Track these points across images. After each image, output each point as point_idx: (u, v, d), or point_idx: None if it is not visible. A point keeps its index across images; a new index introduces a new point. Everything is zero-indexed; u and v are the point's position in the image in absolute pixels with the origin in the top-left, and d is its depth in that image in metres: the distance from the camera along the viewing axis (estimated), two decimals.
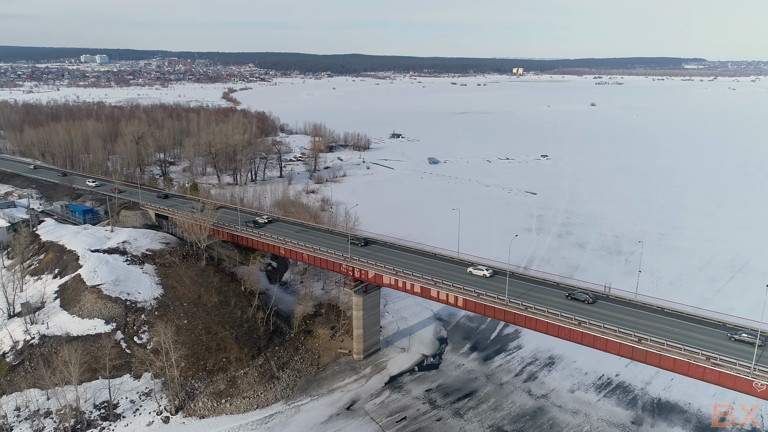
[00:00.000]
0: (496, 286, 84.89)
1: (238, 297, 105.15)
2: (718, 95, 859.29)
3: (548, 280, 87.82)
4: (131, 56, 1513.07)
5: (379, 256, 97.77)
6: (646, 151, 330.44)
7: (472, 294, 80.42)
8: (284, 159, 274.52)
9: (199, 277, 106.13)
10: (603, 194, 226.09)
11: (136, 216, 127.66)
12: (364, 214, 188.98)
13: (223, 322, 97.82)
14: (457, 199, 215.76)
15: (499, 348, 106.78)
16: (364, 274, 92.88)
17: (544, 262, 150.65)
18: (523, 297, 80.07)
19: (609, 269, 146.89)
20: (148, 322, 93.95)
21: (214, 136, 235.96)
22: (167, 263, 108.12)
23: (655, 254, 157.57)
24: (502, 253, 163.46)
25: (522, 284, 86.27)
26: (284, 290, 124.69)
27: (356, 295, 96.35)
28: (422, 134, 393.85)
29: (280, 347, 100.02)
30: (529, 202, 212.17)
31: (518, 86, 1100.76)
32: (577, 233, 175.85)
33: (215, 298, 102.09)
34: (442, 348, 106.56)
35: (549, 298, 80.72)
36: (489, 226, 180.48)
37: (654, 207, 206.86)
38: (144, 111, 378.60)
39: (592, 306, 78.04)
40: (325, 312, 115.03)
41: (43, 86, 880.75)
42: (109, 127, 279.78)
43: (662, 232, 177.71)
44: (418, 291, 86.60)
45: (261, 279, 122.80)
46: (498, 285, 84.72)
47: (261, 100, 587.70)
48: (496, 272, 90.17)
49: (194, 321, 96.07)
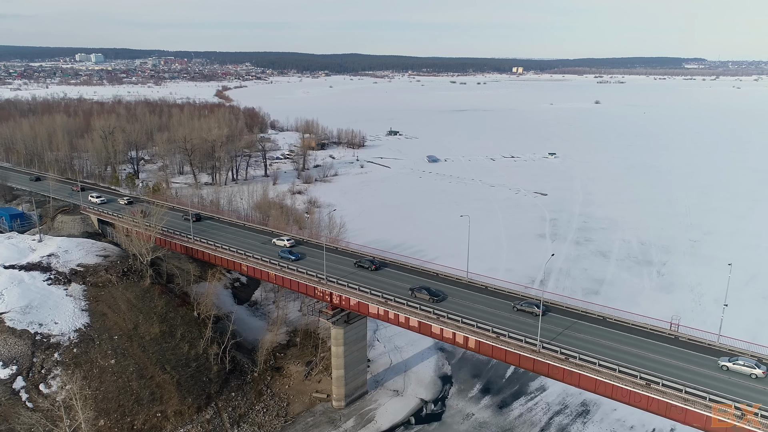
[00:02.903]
0: (516, 319, 62.99)
1: (188, 326, 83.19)
2: (723, 93, 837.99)
3: (589, 312, 65.25)
4: (128, 56, 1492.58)
5: (365, 276, 75.96)
6: (659, 150, 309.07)
7: (489, 334, 58.48)
8: (270, 157, 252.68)
9: (139, 301, 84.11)
10: (620, 195, 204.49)
11: (74, 222, 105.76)
12: (355, 218, 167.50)
13: (164, 361, 75.82)
14: (460, 200, 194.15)
15: (517, 390, 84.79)
16: (345, 300, 71.02)
17: (563, 275, 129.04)
18: (559, 337, 58.18)
19: (639, 284, 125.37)
20: (62, 363, 71.94)
21: (190, 131, 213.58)
22: (101, 282, 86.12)
23: (690, 265, 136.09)
24: (514, 263, 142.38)
25: (551, 316, 63.99)
26: (252, 312, 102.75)
27: (335, 327, 74.43)
28: (421, 131, 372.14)
29: (237, 392, 78.01)
30: (539, 204, 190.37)
31: (519, 85, 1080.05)
32: (598, 240, 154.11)
33: (156, 328, 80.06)
34: (445, 390, 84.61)
35: (594, 340, 58.76)
36: (496, 232, 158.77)
37: (679, 209, 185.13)
38: (125, 107, 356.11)
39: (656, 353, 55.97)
40: (301, 341, 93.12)
41: (33, 84, 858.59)
42: (80, 123, 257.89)
43: (694, 238, 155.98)
44: (415, 326, 64.77)
45: (224, 299, 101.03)
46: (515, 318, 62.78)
47: (255, 98, 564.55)
48: (515, 298, 68.27)
49: (124, 361, 74.07)
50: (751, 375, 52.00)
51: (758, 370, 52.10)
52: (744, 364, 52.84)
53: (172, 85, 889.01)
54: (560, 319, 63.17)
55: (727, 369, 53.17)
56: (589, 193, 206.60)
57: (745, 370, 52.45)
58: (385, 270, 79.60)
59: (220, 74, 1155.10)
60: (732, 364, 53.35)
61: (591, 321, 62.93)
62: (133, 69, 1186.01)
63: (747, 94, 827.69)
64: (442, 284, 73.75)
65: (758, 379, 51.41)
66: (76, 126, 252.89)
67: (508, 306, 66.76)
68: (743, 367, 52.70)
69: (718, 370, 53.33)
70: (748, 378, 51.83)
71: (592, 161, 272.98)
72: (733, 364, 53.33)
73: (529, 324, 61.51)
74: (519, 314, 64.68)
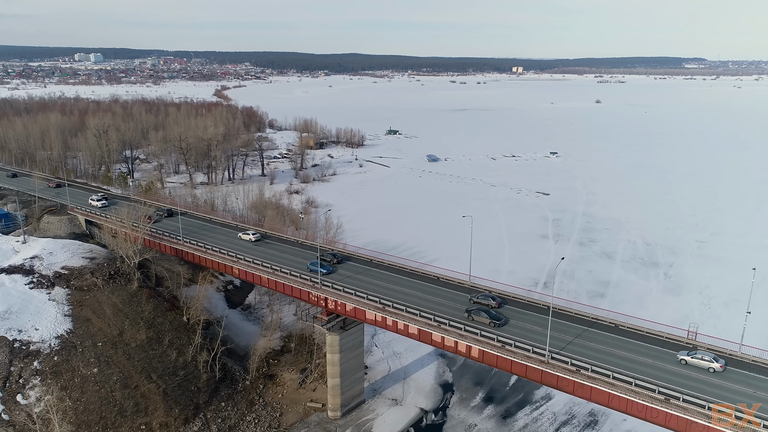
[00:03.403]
0: (523, 328, 59.08)
1: (176, 331, 79.31)
2: (725, 93, 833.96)
3: (600, 318, 61.18)
4: (127, 55, 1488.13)
5: (362, 280, 72.14)
6: (662, 149, 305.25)
7: (493, 344, 54.57)
8: (268, 156, 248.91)
9: (125, 305, 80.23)
10: (623, 195, 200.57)
11: (60, 223, 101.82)
12: (353, 218, 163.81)
13: (150, 370, 71.94)
14: (460, 200, 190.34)
15: (521, 399, 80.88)
16: (341, 306, 67.14)
17: (567, 277, 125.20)
18: (569, 346, 54.30)
19: (646, 286, 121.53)
20: (42, 372, 68.07)
21: (185, 130, 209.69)
22: (86, 286, 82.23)
23: (698, 267, 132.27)
24: (516, 265, 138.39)
25: (559, 323, 59.93)
26: (246, 317, 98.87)
27: (330, 333, 70.55)
28: (421, 131, 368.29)
29: (228, 402, 74.12)
30: (542, 204, 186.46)
31: (519, 84, 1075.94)
32: (602, 241, 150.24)
33: (143, 334, 76.18)
34: (446, 398, 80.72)
35: (606, 349, 54.84)
36: (498, 232, 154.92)
37: (684, 209, 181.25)
38: (122, 106, 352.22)
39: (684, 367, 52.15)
40: (296, 347, 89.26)
41: (31, 83, 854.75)
42: (75, 121, 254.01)
43: (700, 239, 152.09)
44: (415, 333, 60.92)
45: (216, 303, 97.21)
46: (521, 320, 58.83)
47: (254, 98, 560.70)
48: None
49: (108, 369, 70.20)
50: (709, 369, 51.45)
51: (716, 364, 51.46)
52: (702, 358, 52.19)
53: (171, 84, 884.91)
54: (569, 327, 59.26)
55: (686, 363, 52.51)
56: (591, 193, 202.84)
57: (703, 364, 51.81)
58: (382, 272, 75.72)
59: (220, 74, 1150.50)
60: (690, 358, 52.67)
61: (602, 328, 59.02)
62: (132, 69, 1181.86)
63: (748, 93, 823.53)
64: (443, 289, 69.85)
65: (716, 373, 50.66)
66: (71, 125, 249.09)
67: (511, 312, 62.91)
68: (701, 361, 52.03)
69: (676, 364, 52.51)
70: (706, 372, 50.96)
71: (594, 160, 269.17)
72: (691, 358, 52.65)
73: (537, 332, 57.64)
74: (519, 320, 60.71)
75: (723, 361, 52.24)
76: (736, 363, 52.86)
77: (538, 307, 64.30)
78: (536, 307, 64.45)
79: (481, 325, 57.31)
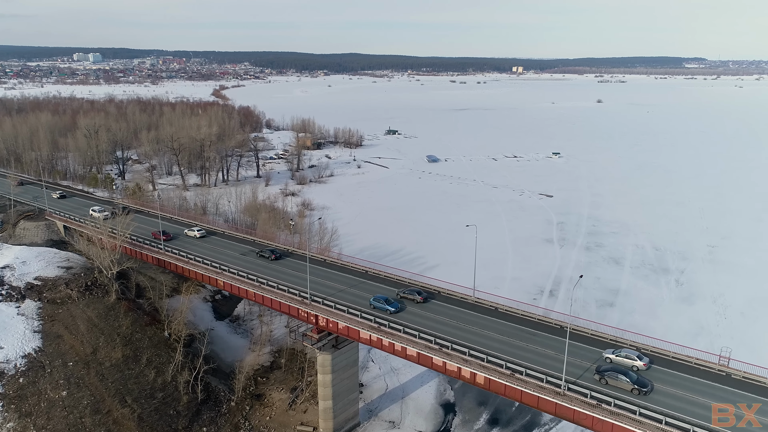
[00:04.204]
0: (535, 351, 53.12)
1: (156, 348, 73.40)
2: (726, 93, 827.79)
3: (620, 341, 55.08)
4: (127, 55, 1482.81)
5: (356, 294, 66.20)
6: (666, 149, 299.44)
7: (502, 371, 48.60)
8: (264, 157, 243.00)
9: (101, 320, 74.31)
10: (629, 197, 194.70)
11: (37, 229, 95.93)
12: (350, 221, 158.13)
13: (124, 392, 66.02)
14: (461, 202, 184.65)
15: (529, 421, 74.96)
16: (333, 324, 61.20)
17: (574, 284, 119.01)
18: (587, 374, 48.33)
19: (658, 294, 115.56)
20: (5, 396, 62.14)
21: (178, 130, 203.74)
22: (59, 298, 76.32)
23: (710, 273, 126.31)
24: (520, 271, 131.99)
25: (576, 345, 53.90)
26: (234, 329, 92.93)
27: (321, 353, 64.59)
28: (420, 131, 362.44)
29: (210, 426, 68.21)
30: (545, 207, 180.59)
31: (519, 84, 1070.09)
32: (609, 245, 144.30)
33: (119, 352, 70.25)
34: (448, 420, 74.77)
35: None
36: (501, 236, 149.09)
37: (692, 212, 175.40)
38: (116, 105, 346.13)
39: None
40: (286, 363, 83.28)
41: (28, 83, 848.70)
42: (67, 121, 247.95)
43: (711, 243, 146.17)
44: (414, 356, 54.97)
45: (202, 314, 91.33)
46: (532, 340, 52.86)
47: (252, 97, 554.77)
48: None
49: (78, 392, 64.27)
50: (633, 367, 49.82)
51: (639, 362, 50.05)
52: (626, 356, 50.66)
53: (170, 84, 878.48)
54: (586, 350, 53.28)
55: (611, 361, 50.93)
56: (596, 195, 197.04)
57: (627, 362, 50.31)
58: (378, 286, 69.78)
59: (218, 74, 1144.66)
60: (615, 356, 51.06)
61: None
62: (131, 68, 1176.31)
63: (750, 93, 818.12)
64: (444, 305, 63.90)
65: (640, 371, 49.16)
66: (62, 124, 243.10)
67: (525, 333, 57.00)
68: (625, 360, 50.53)
69: (602, 363, 50.89)
70: (631, 370, 49.12)
71: (598, 161, 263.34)
72: (616, 356, 51.03)
73: (550, 357, 51.71)
74: (533, 344, 54.78)
75: (647, 359, 50.53)
76: (664, 362, 50.82)
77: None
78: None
79: (623, 392, 46.96)
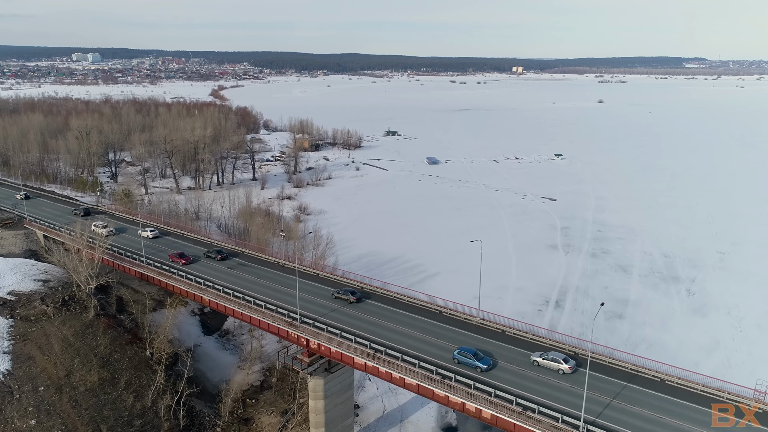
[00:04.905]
0: (549, 383, 47.91)
1: (136, 369, 68.25)
2: (727, 93, 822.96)
3: (641, 370, 49.50)
4: (126, 55, 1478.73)
5: (350, 315, 61.06)
6: (670, 150, 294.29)
7: (511, 407, 43.43)
8: (261, 159, 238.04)
9: (77, 339, 69.19)
10: (634, 200, 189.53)
11: (15, 239, 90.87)
12: (348, 226, 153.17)
13: (99, 420, 60.87)
14: (462, 206, 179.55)
15: None
16: (325, 348, 56.06)
17: (581, 294, 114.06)
18: (607, 411, 43.11)
19: (669, 305, 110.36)
20: None
21: (171, 131, 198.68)
22: (33, 315, 71.20)
23: (722, 282, 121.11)
24: (525, 280, 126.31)
25: (595, 376, 48.48)
26: (223, 345, 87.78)
27: (313, 378, 59.46)
28: (420, 132, 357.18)
29: None
30: (549, 211, 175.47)
31: (519, 84, 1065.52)
32: (616, 252, 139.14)
33: (95, 374, 65.11)
34: None
35: (650, 415, 43.61)
36: (503, 242, 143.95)
37: (701, 216, 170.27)
38: (111, 106, 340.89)
39: None
40: (277, 383, 78.16)
41: (26, 83, 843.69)
42: (60, 122, 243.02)
43: (721, 249, 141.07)
44: (413, 386, 49.79)
45: (189, 329, 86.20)
46: None
47: (251, 98, 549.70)
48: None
49: (48, 421, 59.14)
50: (558, 370, 49.08)
51: (565, 365, 49.13)
52: (552, 359, 49.70)
53: (168, 84, 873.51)
54: (605, 382, 48.01)
55: (538, 364, 50.16)
56: (601, 198, 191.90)
57: (553, 365, 49.54)
58: (374, 305, 64.68)
59: (218, 74, 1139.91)
60: (542, 359, 50.21)
61: (642, 384, 47.61)
62: (130, 68, 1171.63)
63: (751, 93, 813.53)
64: (446, 326, 58.73)
65: (565, 375, 48.11)
66: (54, 126, 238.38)
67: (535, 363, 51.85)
68: (551, 363, 49.69)
69: (530, 367, 49.91)
70: (556, 374, 48.42)
71: (601, 163, 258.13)
72: (542, 359, 50.20)
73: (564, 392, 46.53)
74: (555, 379, 49.53)
75: (573, 362, 49.37)
76: (594, 365, 48.51)
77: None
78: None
79: None
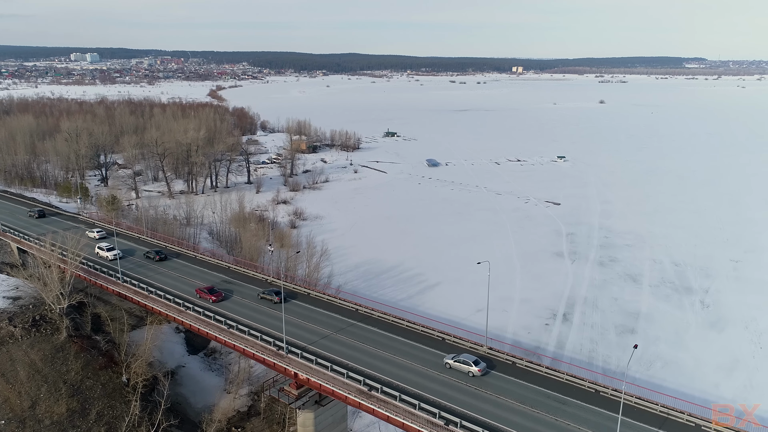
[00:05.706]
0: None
1: (110, 398, 62.31)
2: (729, 93, 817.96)
3: (672, 413, 43.88)
4: (125, 55, 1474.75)
5: (342, 342, 55.16)
6: (675, 152, 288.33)
7: None
8: (256, 161, 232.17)
9: (46, 364, 63.29)
10: (641, 205, 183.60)
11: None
12: (345, 232, 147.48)
13: None
14: (463, 211, 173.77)
15: None
16: (314, 382, 50.15)
17: (589, 306, 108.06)
18: None
19: (683, 318, 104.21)
20: None
21: (164, 133, 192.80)
22: (0, 337, 65.25)
23: (737, 293, 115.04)
24: (530, 291, 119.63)
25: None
26: (209, 365, 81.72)
27: (302, 412, 53.56)
28: (420, 133, 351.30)
29: None
30: (553, 216, 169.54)
31: (519, 84, 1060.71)
32: (624, 260, 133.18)
33: (63, 405, 59.19)
34: None
35: None
36: (507, 249, 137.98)
37: (710, 221, 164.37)
38: (106, 106, 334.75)
39: None
40: (266, 407, 72.23)
41: (23, 83, 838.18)
42: (52, 124, 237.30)
43: (734, 257, 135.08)
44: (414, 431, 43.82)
45: (172, 348, 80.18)
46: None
47: (249, 98, 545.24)
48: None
49: None
50: (468, 373, 48.94)
51: (474, 368, 49.10)
52: (463, 362, 49.51)
53: (166, 84, 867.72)
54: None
55: (450, 367, 49.97)
56: (606, 202, 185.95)
57: (463, 368, 49.37)
58: (370, 330, 58.78)
59: (216, 74, 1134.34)
60: (453, 362, 50.12)
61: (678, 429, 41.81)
62: (128, 68, 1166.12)
63: (752, 93, 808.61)
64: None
65: (475, 378, 48.07)
66: (46, 127, 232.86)
67: (550, 398, 46.04)
68: (462, 365, 49.52)
69: (442, 369, 49.69)
70: (467, 376, 48.36)
71: (605, 165, 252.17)
72: (454, 362, 50.09)
73: None
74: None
75: (483, 364, 49.46)
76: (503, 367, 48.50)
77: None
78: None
79: None
